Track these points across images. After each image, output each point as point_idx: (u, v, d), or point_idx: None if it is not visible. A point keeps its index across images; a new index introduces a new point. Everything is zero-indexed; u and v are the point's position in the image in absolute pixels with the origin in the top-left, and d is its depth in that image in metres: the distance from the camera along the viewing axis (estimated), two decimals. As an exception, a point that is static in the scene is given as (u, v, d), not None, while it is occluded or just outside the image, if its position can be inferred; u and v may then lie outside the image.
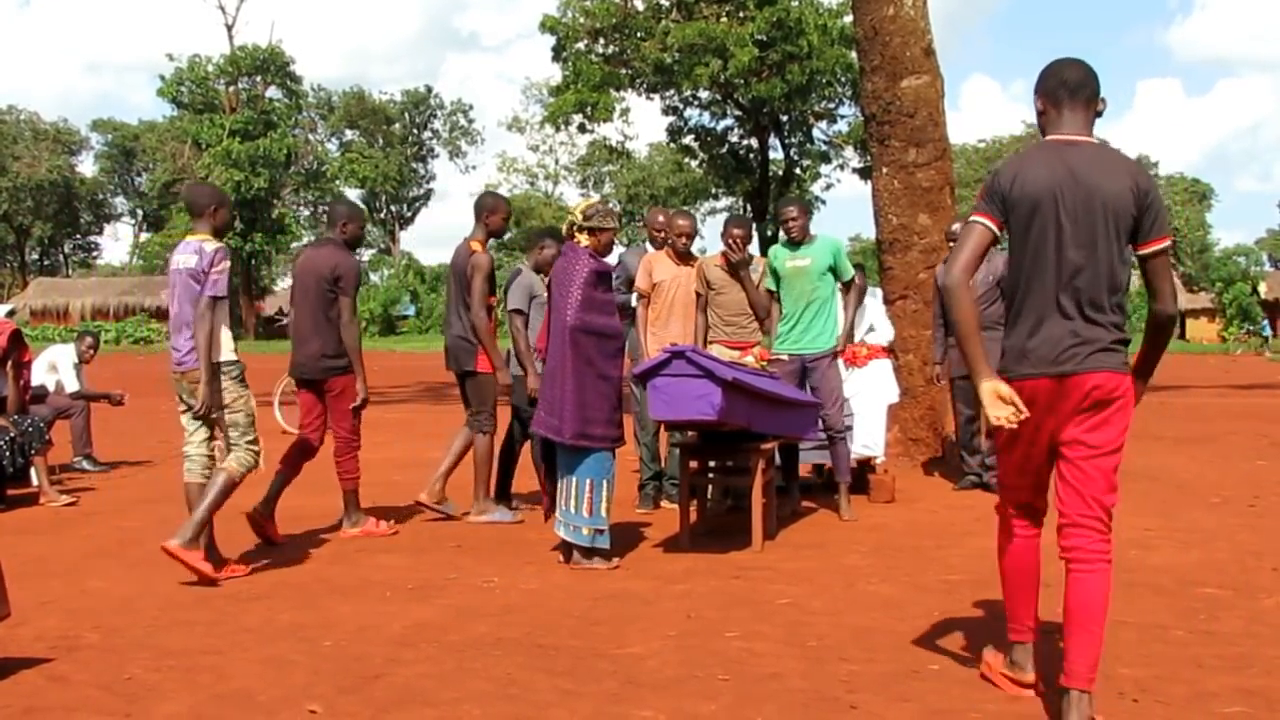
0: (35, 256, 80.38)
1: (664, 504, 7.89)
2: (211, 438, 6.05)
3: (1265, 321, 51.09)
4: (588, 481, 6.09)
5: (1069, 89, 3.77)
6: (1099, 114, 3.84)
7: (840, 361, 7.67)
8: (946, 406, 9.16)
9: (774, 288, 7.57)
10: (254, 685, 4.20)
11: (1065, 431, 3.70)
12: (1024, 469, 3.88)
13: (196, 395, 5.81)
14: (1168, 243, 3.74)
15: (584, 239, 6.25)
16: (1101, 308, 3.67)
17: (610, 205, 6.48)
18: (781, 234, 7.72)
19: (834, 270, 7.46)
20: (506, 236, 7.52)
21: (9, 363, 8.71)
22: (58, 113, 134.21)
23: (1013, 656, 4.04)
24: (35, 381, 9.79)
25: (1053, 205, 3.67)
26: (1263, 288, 58.01)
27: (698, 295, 7.71)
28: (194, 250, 5.89)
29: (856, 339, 8.33)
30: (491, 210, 7.54)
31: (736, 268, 7.57)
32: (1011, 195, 3.73)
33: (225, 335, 5.90)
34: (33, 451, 8.51)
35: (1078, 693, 3.60)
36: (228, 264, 5.89)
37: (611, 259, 7.05)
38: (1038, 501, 3.98)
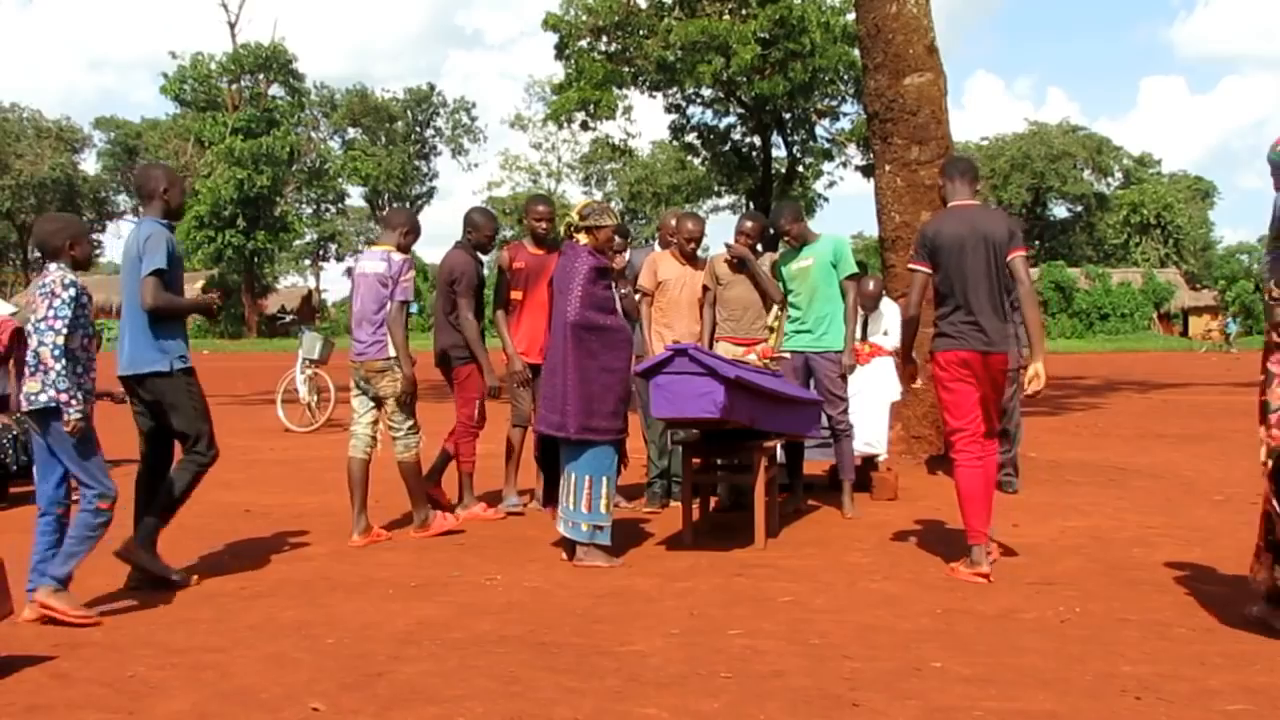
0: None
1: (672, 502, 7.90)
2: (376, 421, 6.89)
3: (1230, 319, 51.07)
4: (587, 478, 6.09)
5: (960, 172, 6.00)
6: (979, 190, 6.10)
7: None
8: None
9: (782, 290, 7.61)
10: (257, 683, 4.21)
11: (980, 384, 5.79)
12: (968, 410, 5.79)
13: (373, 383, 6.76)
14: (1023, 251, 5.85)
15: (583, 238, 6.28)
16: (997, 308, 5.76)
17: (606, 203, 6.53)
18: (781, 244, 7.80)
19: (836, 266, 7.47)
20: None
21: (11, 360, 8.70)
22: (60, 110, 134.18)
23: (972, 557, 5.79)
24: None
25: (960, 246, 5.73)
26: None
27: (706, 289, 7.74)
28: (381, 258, 6.75)
29: (875, 341, 8.35)
30: (521, 213, 7.92)
31: (743, 263, 7.60)
32: (935, 242, 5.81)
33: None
34: (35, 449, 8.48)
35: (978, 546, 5.71)
36: (413, 273, 6.81)
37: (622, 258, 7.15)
38: (981, 427, 5.80)
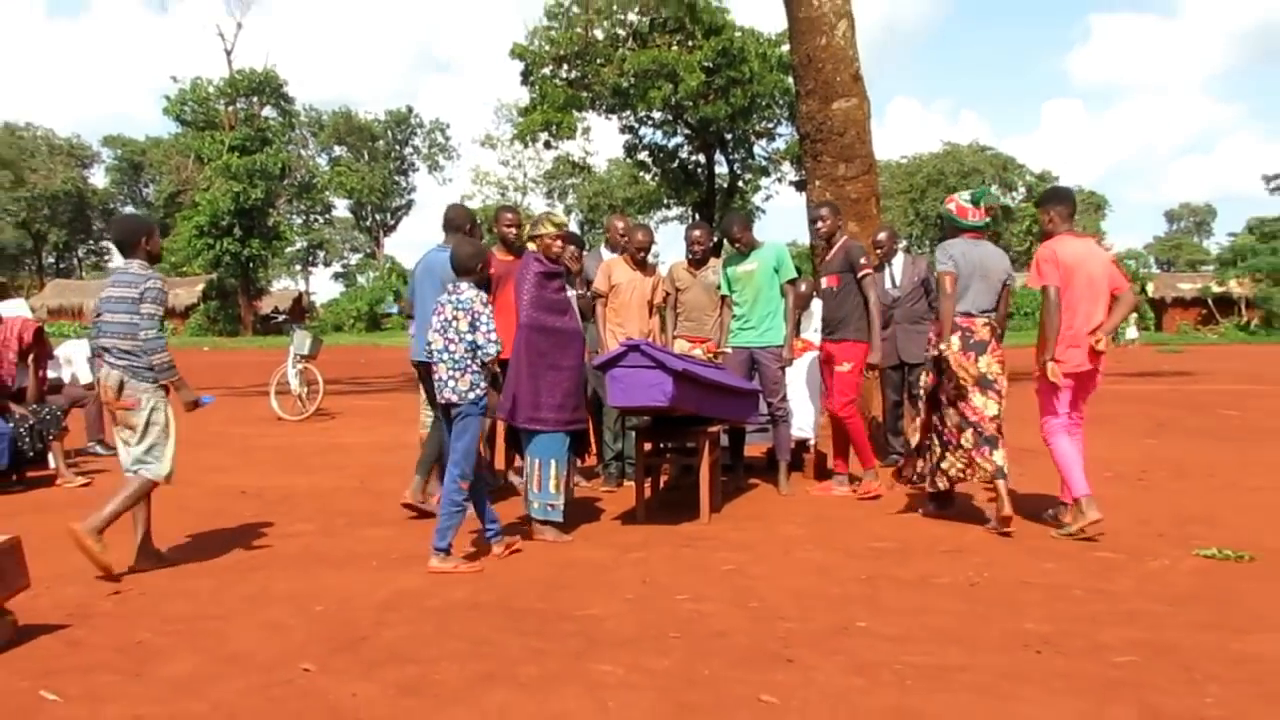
0: (51, 260, 79.05)
1: (626, 482, 7.90)
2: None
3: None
4: (538, 461, 6.10)
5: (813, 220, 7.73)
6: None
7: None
8: (874, 393, 9.21)
9: (728, 292, 7.64)
10: (253, 647, 4.17)
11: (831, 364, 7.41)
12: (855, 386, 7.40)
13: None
14: (864, 272, 7.26)
15: (531, 245, 6.36)
16: (836, 309, 7.35)
17: (547, 213, 6.55)
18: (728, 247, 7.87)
19: (778, 271, 7.52)
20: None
21: (30, 356, 8.61)
22: (71, 129, 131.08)
23: (865, 478, 7.29)
24: (51, 374, 9.65)
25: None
26: (1150, 287, 58.76)
27: (667, 294, 7.79)
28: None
29: (805, 337, 8.39)
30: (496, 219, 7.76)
31: (699, 263, 7.81)
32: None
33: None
34: (50, 437, 8.39)
35: (870, 470, 7.33)
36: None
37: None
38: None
